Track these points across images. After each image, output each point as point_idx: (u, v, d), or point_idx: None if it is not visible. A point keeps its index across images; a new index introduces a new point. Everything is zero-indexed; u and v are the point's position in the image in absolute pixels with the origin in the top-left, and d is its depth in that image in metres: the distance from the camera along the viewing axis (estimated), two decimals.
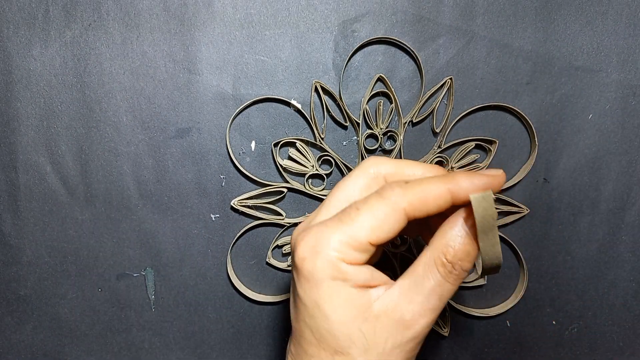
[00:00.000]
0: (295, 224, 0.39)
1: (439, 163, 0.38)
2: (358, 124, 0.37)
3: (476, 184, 0.24)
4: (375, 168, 0.27)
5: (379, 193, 0.25)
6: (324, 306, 0.25)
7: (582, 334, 0.40)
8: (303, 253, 0.25)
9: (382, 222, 0.24)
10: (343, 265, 0.25)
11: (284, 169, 0.38)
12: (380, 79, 0.37)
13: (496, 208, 0.38)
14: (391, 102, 0.37)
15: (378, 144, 0.38)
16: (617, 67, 0.37)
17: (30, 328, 0.41)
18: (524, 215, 0.38)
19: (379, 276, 0.26)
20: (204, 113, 0.38)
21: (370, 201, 0.25)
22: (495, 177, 0.25)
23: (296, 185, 0.38)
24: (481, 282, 0.39)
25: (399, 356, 0.25)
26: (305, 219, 0.28)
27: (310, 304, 0.25)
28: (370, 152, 0.38)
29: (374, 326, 0.25)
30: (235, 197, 0.38)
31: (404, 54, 0.37)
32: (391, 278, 0.26)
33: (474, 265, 0.29)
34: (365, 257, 0.25)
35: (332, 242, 0.25)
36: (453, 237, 0.25)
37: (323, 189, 0.38)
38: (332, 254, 0.24)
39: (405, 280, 0.25)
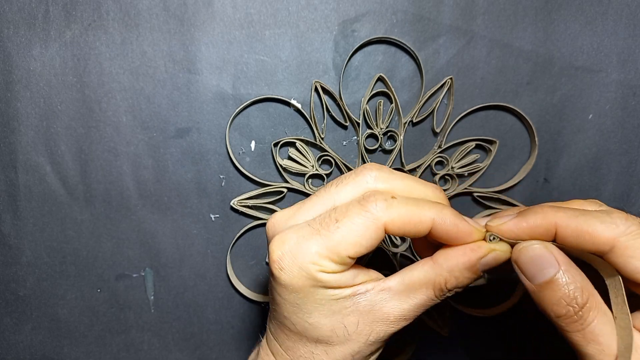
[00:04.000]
0: None
1: (439, 163, 0.38)
2: (358, 123, 0.37)
3: (460, 229, 0.25)
4: (372, 183, 0.25)
5: (361, 204, 0.24)
6: (305, 306, 0.25)
7: None
8: (280, 262, 0.24)
9: (361, 237, 0.24)
10: (322, 275, 0.24)
11: (284, 169, 0.38)
12: (380, 79, 0.37)
13: (498, 209, 0.38)
14: (391, 102, 0.37)
15: (378, 144, 0.38)
16: (617, 67, 0.37)
17: (29, 328, 0.40)
18: None
19: (364, 274, 0.26)
20: (203, 113, 0.38)
21: (350, 214, 0.24)
22: (477, 230, 0.25)
23: (296, 185, 0.38)
24: (481, 282, 0.39)
25: (377, 345, 0.26)
26: (285, 211, 0.27)
27: (289, 303, 0.25)
28: (371, 152, 0.38)
29: (357, 320, 0.25)
30: (235, 197, 0.38)
31: (404, 54, 0.37)
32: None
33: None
34: (344, 267, 0.25)
35: (309, 255, 0.24)
36: (462, 270, 0.25)
37: None
38: (310, 266, 0.24)
39: (397, 284, 0.26)
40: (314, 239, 0.24)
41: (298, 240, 0.24)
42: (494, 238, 0.25)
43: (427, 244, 0.28)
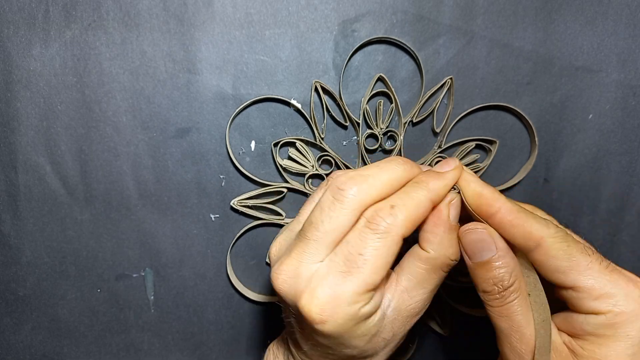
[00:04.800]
0: None
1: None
2: (358, 123, 0.37)
3: (448, 183, 0.27)
4: (358, 200, 0.26)
5: (372, 229, 0.25)
6: (348, 343, 0.26)
7: None
8: (321, 316, 0.24)
9: (387, 257, 0.25)
10: (362, 310, 0.25)
11: (284, 169, 0.38)
12: (380, 79, 0.37)
13: None
14: (391, 102, 0.37)
15: (378, 144, 0.38)
16: (617, 67, 0.37)
17: (29, 328, 0.40)
18: None
19: (384, 287, 0.27)
20: (203, 113, 0.38)
21: (368, 242, 0.25)
22: (456, 168, 0.27)
23: (296, 185, 0.38)
24: None
25: (407, 333, 0.29)
26: (286, 265, 0.26)
27: (333, 345, 0.26)
28: (371, 152, 0.38)
29: (391, 327, 0.27)
30: (235, 197, 0.38)
31: (404, 54, 0.37)
32: None
33: None
34: (377, 290, 0.26)
35: (349, 297, 0.24)
36: (449, 238, 0.27)
37: None
38: (352, 307, 0.24)
39: (409, 281, 0.27)
40: (348, 281, 0.24)
41: (332, 289, 0.24)
42: (454, 189, 0.28)
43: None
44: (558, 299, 0.27)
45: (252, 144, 0.38)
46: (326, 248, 0.25)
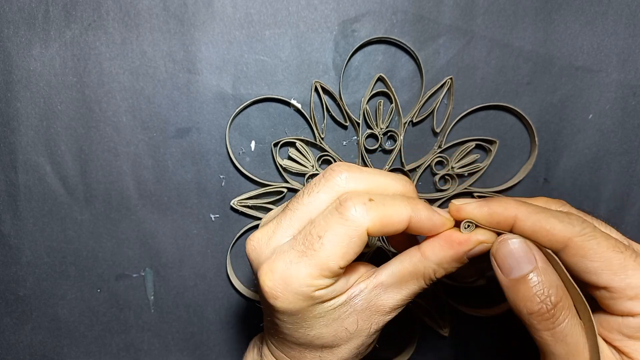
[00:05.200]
0: None
1: (439, 163, 0.38)
2: (358, 123, 0.37)
3: (434, 222, 0.25)
4: (344, 185, 0.25)
5: (340, 212, 0.23)
6: (305, 323, 0.25)
7: None
8: (273, 291, 0.24)
9: (347, 247, 0.24)
10: (318, 293, 0.24)
11: (284, 169, 0.38)
12: (380, 79, 0.37)
13: None
14: (391, 102, 0.37)
15: (378, 144, 0.38)
16: (618, 67, 0.37)
17: (29, 329, 0.40)
18: None
19: (355, 274, 0.26)
20: (203, 113, 0.38)
21: (331, 225, 0.23)
22: (448, 220, 0.26)
23: (296, 185, 0.38)
24: (481, 282, 0.39)
25: (377, 334, 0.27)
26: (262, 230, 0.26)
27: (289, 323, 0.26)
28: (371, 152, 0.38)
29: (356, 319, 0.26)
30: (235, 197, 0.38)
31: (404, 54, 0.37)
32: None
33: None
34: (336, 278, 0.25)
35: (301, 278, 0.24)
36: (450, 262, 0.26)
37: None
38: (304, 289, 0.24)
39: (388, 278, 0.26)
40: (302, 262, 0.24)
41: (287, 266, 0.24)
42: (468, 226, 0.26)
43: (402, 237, 0.29)
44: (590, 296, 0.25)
45: (252, 144, 0.38)
46: (300, 222, 0.25)
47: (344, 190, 0.25)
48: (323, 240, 0.23)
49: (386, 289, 0.26)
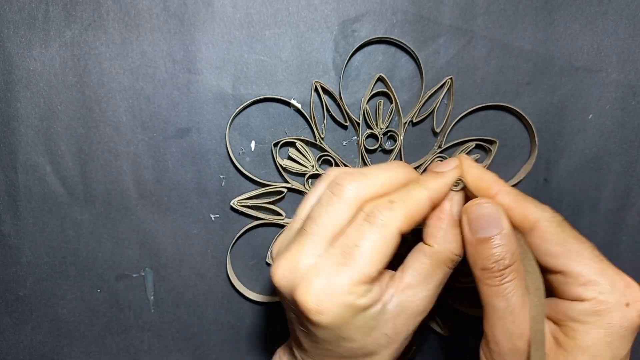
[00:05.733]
0: None
1: None
2: (358, 124, 0.37)
3: (447, 182, 0.27)
4: (356, 195, 0.26)
5: (369, 222, 0.25)
6: (347, 336, 0.26)
7: None
8: (317, 307, 0.24)
9: (384, 250, 0.25)
10: (360, 301, 0.25)
11: (284, 169, 0.38)
12: (380, 79, 0.37)
13: None
14: (391, 102, 0.37)
15: (378, 144, 0.38)
16: (618, 67, 0.37)
17: (29, 329, 0.40)
18: None
19: (384, 282, 0.27)
20: (203, 113, 0.38)
21: (365, 234, 0.25)
22: (456, 167, 0.28)
23: (296, 185, 0.38)
24: None
25: (413, 333, 0.28)
26: (285, 259, 0.26)
27: (331, 338, 0.26)
28: (371, 152, 0.38)
29: (394, 324, 0.27)
30: (235, 197, 0.38)
31: (404, 54, 0.37)
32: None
33: None
34: (373, 284, 0.26)
35: (344, 287, 0.24)
36: (450, 231, 0.27)
37: None
38: (347, 297, 0.24)
39: (413, 278, 0.27)
40: (343, 272, 0.24)
41: (326, 280, 0.24)
42: (457, 185, 0.28)
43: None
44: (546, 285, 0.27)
45: (252, 144, 0.38)
46: (324, 242, 0.26)
47: (359, 199, 0.26)
48: (361, 248, 0.25)
49: (414, 289, 0.27)
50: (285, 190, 0.38)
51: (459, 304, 0.39)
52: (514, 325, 0.25)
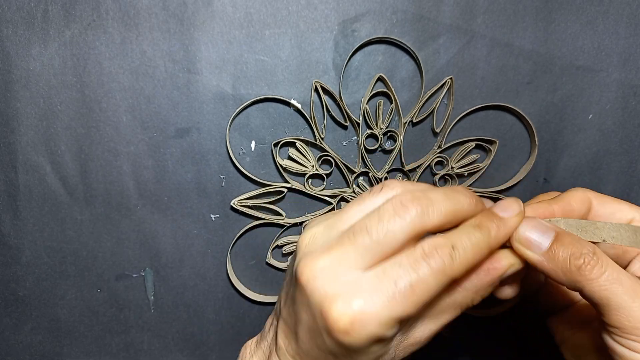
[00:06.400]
0: (295, 224, 0.39)
1: (439, 163, 0.38)
2: (358, 124, 0.37)
3: (509, 232, 0.26)
4: (419, 222, 0.24)
5: (427, 262, 0.24)
6: (357, 357, 0.25)
7: None
8: (347, 327, 0.23)
9: (431, 295, 0.24)
10: (387, 333, 0.24)
11: (284, 169, 0.38)
12: (380, 79, 0.37)
13: None
14: (391, 102, 0.37)
15: (378, 144, 0.38)
16: (618, 67, 0.37)
17: (28, 329, 0.40)
18: None
19: None
20: (203, 113, 0.37)
21: (420, 272, 0.23)
22: (519, 214, 0.26)
23: (296, 185, 0.38)
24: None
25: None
26: (323, 257, 0.25)
27: (340, 354, 0.25)
28: (371, 152, 0.38)
29: (394, 350, 0.26)
30: (235, 197, 0.38)
31: (404, 54, 0.37)
32: None
33: None
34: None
35: (382, 319, 0.23)
36: (486, 288, 0.26)
37: (323, 189, 0.38)
38: (380, 329, 0.23)
39: (426, 312, 0.26)
40: (386, 303, 0.23)
41: (368, 304, 0.23)
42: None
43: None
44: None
45: (252, 144, 0.38)
46: (371, 259, 0.24)
47: (420, 229, 0.24)
48: (411, 286, 0.23)
49: (423, 321, 0.26)
50: (285, 190, 0.38)
51: None
52: (635, 304, 0.24)
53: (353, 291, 0.23)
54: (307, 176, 0.38)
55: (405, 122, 0.37)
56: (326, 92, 0.37)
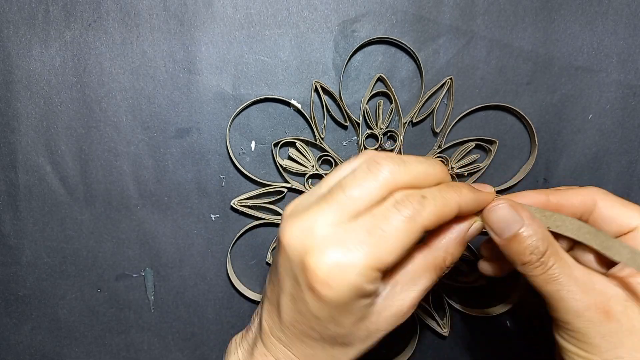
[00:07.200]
0: None
1: None
2: (358, 124, 0.37)
3: (480, 202, 0.27)
4: (391, 178, 0.25)
5: (398, 210, 0.24)
6: (339, 319, 0.25)
7: None
8: (327, 278, 0.24)
9: (405, 242, 0.24)
10: (367, 286, 0.24)
11: (284, 169, 0.38)
12: (380, 79, 0.37)
13: None
14: (391, 102, 0.37)
15: (378, 144, 0.38)
16: (618, 67, 0.37)
17: (29, 329, 0.40)
18: None
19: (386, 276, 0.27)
20: (204, 113, 0.38)
21: (392, 219, 0.24)
22: (491, 194, 0.28)
23: (296, 185, 0.38)
24: (481, 282, 0.39)
25: (385, 336, 0.28)
26: (299, 220, 0.25)
27: (324, 317, 0.25)
28: None
29: (377, 319, 0.26)
30: (235, 197, 0.38)
31: (404, 54, 0.37)
32: None
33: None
34: (382, 274, 0.25)
35: (359, 267, 0.24)
36: (455, 246, 0.28)
37: None
38: (359, 279, 0.24)
39: (403, 276, 0.27)
40: (362, 251, 0.24)
41: (344, 254, 0.24)
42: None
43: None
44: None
45: (252, 144, 0.38)
46: (347, 214, 0.25)
47: (393, 183, 0.25)
48: (384, 233, 0.24)
49: (402, 287, 0.27)
50: (285, 190, 0.38)
51: (459, 304, 0.39)
52: (577, 302, 0.25)
53: (330, 243, 0.24)
54: (307, 176, 0.38)
55: (405, 122, 0.37)
56: (326, 92, 0.37)
